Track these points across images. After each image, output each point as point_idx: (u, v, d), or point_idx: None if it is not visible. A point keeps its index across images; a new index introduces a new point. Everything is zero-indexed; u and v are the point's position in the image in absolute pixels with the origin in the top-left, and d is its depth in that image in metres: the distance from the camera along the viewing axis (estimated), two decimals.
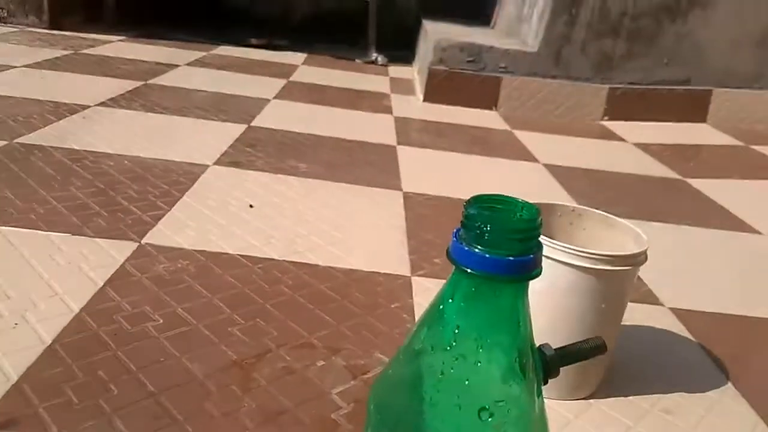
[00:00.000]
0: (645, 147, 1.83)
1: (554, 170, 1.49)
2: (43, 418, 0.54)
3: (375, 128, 1.67)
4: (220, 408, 0.58)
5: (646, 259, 0.66)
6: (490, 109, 2.08)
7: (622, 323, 0.69)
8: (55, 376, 0.59)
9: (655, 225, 1.22)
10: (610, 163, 1.63)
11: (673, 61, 2.12)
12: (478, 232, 0.31)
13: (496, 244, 0.31)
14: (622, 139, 1.90)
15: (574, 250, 0.62)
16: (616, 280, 0.65)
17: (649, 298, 0.91)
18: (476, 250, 0.31)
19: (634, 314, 0.85)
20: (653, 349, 0.78)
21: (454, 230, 0.33)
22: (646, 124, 2.09)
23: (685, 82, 2.14)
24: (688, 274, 1.02)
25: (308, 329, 0.72)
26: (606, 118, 2.09)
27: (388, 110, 1.90)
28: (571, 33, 2.05)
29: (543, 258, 0.67)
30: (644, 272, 0.97)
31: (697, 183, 1.52)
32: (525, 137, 1.78)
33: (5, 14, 2.41)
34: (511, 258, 0.31)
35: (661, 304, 0.90)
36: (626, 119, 2.10)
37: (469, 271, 0.31)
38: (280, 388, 0.62)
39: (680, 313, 0.88)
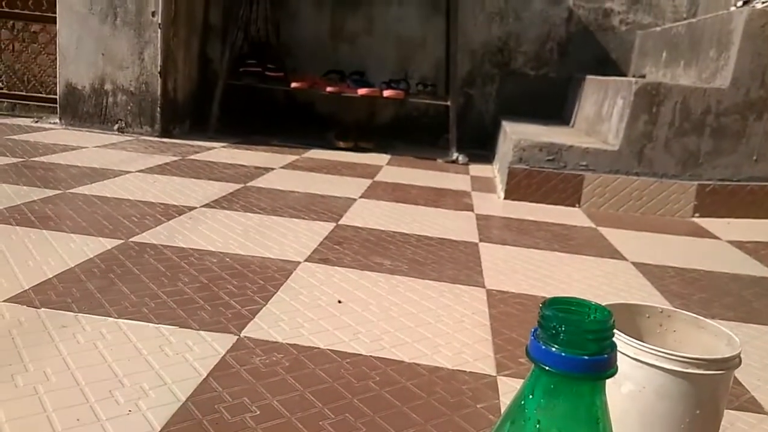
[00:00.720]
0: (740, 245, 1.76)
1: (644, 269, 1.47)
2: None
3: (457, 226, 1.71)
4: None
5: (740, 363, 0.64)
6: (573, 206, 2.08)
7: None
8: None
9: (754, 327, 1.16)
10: (704, 261, 1.58)
11: (762, 158, 2.07)
12: (553, 332, 0.34)
13: (571, 344, 0.33)
14: (715, 237, 1.84)
15: (663, 352, 0.62)
16: (709, 385, 0.63)
17: (751, 406, 0.87)
18: (553, 349, 0.34)
19: (736, 423, 0.81)
20: None
21: (532, 330, 0.36)
22: (739, 221, 2.02)
23: None
24: None
25: (396, 427, 0.74)
26: (697, 215, 2.05)
27: (469, 208, 1.95)
28: (653, 131, 2.06)
29: (633, 361, 0.67)
30: (745, 378, 0.93)
31: None
32: (611, 234, 1.77)
33: (124, 125, 2.71)
34: (586, 357, 0.33)
35: (766, 413, 0.85)
36: (718, 216, 2.04)
37: (547, 368, 0.34)
38: None
39: None
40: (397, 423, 0.75)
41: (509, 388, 0.85)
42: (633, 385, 0.64)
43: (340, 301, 1.09)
